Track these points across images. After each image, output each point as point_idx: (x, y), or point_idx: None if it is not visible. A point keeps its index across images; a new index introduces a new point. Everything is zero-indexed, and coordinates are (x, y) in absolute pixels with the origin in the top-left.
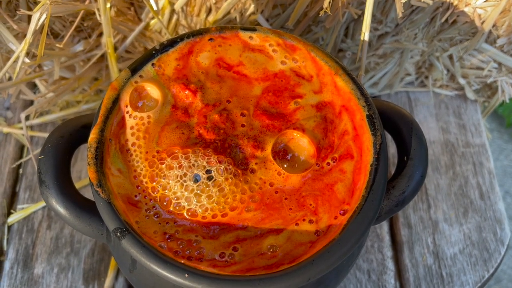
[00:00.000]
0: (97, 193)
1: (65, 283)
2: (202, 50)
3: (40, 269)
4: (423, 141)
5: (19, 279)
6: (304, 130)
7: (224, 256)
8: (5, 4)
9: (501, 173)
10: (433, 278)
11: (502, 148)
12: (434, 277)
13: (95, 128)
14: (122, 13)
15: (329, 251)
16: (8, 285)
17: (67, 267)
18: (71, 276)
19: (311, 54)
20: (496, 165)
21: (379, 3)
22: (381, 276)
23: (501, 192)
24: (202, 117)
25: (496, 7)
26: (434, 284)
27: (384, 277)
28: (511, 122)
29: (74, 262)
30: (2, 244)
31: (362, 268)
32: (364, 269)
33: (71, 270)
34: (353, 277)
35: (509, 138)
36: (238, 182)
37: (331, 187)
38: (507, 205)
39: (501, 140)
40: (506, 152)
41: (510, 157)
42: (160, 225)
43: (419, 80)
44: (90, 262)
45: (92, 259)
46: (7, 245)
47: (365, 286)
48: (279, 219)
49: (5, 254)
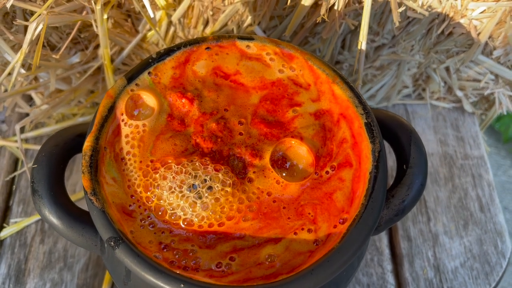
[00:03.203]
0: (91, 202)
1: None
2: (199, 59)
3: (32, 284)
4: (423, 150)
5: None
6: (303, 138)
7: (221, 266)
8: (2, 15)
9: (499, 189)
10: None
11: (499, 164)
12: None
13: (90, 136)
14: (119, 25)
15: (328, 260)
16: None
17: (60, 282)
18: None
19: (309, 62)
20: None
21: (376, 15)
22: None
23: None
24: (199, 126)
25: (491, 19)
26: None
27: None
28: (508, 138)
29: (67, 277)
30: None
31: (361, 282)
32: (364, 283)
33: (64, 286)
34: None
35: (506, 153)
36: (236, 192)
37: (330, 195)
38: (507, 220)
39: (498, 155)
40: (504, 168)
41: (508, 173)
42: (156, 235)
43: (417, 93)
44: (83, 277)
45: (86, 274)
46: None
47: None
48: (277, 229)
49: None
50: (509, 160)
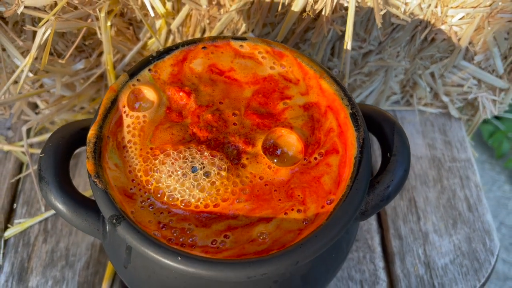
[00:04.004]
0: (94, 184)
1: None
2: (196, 57)
3: (34, 282)
4: (405, 139)
5: None
6: (292, 128)
7: (216, 243)
8: (12, 24)
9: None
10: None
11: (494, 180)
12: (426, 287)
13: (94, 125)
14: (121, 33)
15: (316, 235)
16: None
17: (62, 280)
18: None
19: (298, 60)
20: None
21: (362, 22)
22: (373, 286)
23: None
24: (196, 117)
25: (470, 25)
26: None
27: (377, 287)
28: (501, 153)
29: (69, 275)
30: None
31: (354, 279)
32: (357, 280)
33: (66, 283)
34: (346, 287)
35: (500, 169)
36: (230, 176)
37: (318, 179)
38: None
39: (493, 171)
40: (499, 184)
41: (502, 188)
42: (155, 215)
43: (405, 99)
44: (84, 275)
45: (87, 272)
46: (2, 258)
47: None
48: (269, 209)
49: (1, 267)
50: (504, 176)
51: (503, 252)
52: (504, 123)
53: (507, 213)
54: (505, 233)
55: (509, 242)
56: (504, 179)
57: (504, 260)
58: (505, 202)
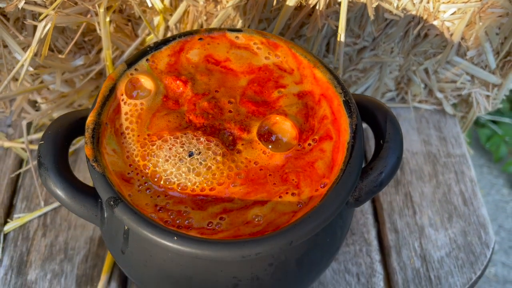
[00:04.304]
0: (93, 167)
1: None
2: (192, 47)
3: (33, 275)
4: (398, 127)
5: (12, 285)
6: (287, 115)
7: (211, 225)
8: (13, 21)
9: (493, 208)
10: (421, 281)
11: (492, 183)
12: (423, 279)
13: (93, 112)
14: (120, 29)
15: (310, 216)
16: None
17: (61, 273)
18: (64, 281)
19: (292, 50)
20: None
21: (356, 18)
22: (370, 279)
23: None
24: (192, 105)
25: (462, 20)
26: (423, 286)
27: (373, 279)
28: (499, 157)
29: (67, 268)
30: None
31: (351, 271)
32: (353, 272)
33: (64, 276)
34: (343, 280)
35: (498, 173)
36: (226, 161)
37: (312, 164)
38: (501, 239)
39: (491, 175)
40: (497, 187)
41: (501, 192)
42: (152, 198)
43: (400, 96)
44: (83, 268)
45: (86, 265)
46: (2, 252)
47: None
48: (264, 193)
49: (0, 261)
50: (502, 179)
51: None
52: (501, 127)
53: (506, 217)
54: (504, 236)
55: (508, 245)
56: (502, 183)
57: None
58: (504, 206)
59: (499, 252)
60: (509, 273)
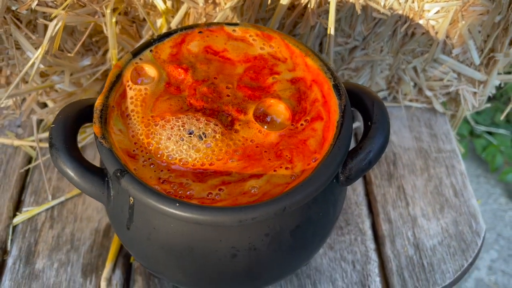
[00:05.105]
0: (101, 144)
1: (64, 277)
2: (193, 40)
3: (41, 264)
4: (384, 109)
5: (20, 274)
6: (281, 98)
7: (211, 195)
8: (26, 24)
9: (491, 217)
10: (415, 267)
11: (490, 193)
12: (416, 266)
13: (101, 95)
14: (125, 31)
15: (302, 185)
16: (10, 279)
17: (67, 262)
18: (70, 270)
19: (285, 41)
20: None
21: (346, 17)
22: (365, 266)
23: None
24: (192, 90)
25: (445, 18)
26: (416, 272)
27: (368, 266)
28: (495, 167)
29: (73, 258)
30: (6, 244)
31: (347, 259)
32: (349, 260)
33: (71, 265)
34: (339, 267)
35: (495, 182)
36: (224, 139)
37: (305, 142)
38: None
39: (488, 185)
40: (495, 196)
41: (498, 201)
42: (155, 172)
43: (392, 96)
44: (88, 257)
45: (91, 255)
46: (11, 243)
47: (350, 275)
48: (260, 167)
49: (9, 253)
50: (499, 189)
51: (502, 264)
52: (496, 138)
53: (504, 225)
54: (503, 245)
55: (508, 253)
56: (499, 192)
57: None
58: (502, 215)
59: (498, 260)
60: (509, 281)
